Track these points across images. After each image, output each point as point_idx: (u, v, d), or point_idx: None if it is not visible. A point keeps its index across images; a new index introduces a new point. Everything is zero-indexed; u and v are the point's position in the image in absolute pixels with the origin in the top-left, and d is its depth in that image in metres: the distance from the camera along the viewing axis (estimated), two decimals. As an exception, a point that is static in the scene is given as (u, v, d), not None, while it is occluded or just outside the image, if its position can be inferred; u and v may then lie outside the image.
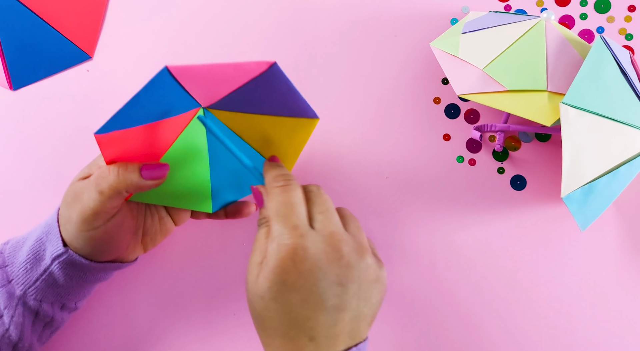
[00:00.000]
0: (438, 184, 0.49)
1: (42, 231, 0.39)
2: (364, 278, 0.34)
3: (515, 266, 0.47)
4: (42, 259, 0.38)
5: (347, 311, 0.33)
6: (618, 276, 0.47)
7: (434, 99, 0.50)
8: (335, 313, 0.33)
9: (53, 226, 0.38)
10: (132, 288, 0.47)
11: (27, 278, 0.38)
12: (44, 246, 0.38)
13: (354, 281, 0.34)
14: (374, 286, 0.35)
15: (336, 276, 0.33)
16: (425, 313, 0.47)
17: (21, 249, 0.39)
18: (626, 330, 0.46)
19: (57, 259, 0.37)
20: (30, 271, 0.38)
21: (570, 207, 0.40)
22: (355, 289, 0.34)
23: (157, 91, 0.32)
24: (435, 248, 0.48)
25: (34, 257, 0.38)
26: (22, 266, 0.38)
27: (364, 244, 0.35)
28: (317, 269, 0.33)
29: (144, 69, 0.51)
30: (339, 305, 0.33)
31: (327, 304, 0.33)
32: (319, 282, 0.33)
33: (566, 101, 0.39)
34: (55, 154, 0.50)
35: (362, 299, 0.34)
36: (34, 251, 0.38)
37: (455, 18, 0.51)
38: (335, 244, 0.34)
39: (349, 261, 0.34)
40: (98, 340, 0.47)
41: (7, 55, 0.50)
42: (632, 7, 0.50)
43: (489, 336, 0.47)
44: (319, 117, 0.41)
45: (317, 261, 0.33)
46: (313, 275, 0.32)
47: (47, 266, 0.38)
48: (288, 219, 0.34)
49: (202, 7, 0.52)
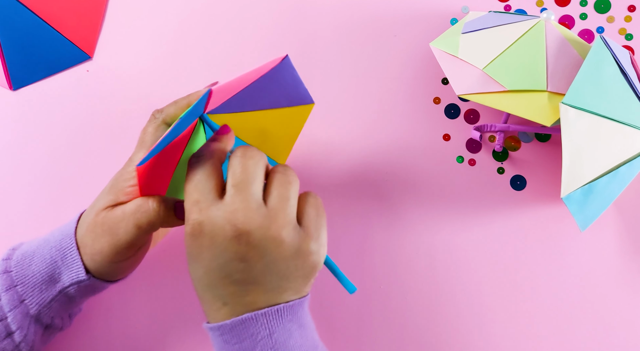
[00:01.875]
0: (438, 184, 0.49)
1: (55, 253, 0.38)
2: (275, 255, 0.33)
3: (515, 266, 0.47)
4: (57, 281, 0.38)
5: (260, 284, 0.33)
6: (618, 276, 0.47)
7: (434, 99, 0.50)
8: (244, 286, 0.33)
9: (70, 250, 0.37)
10: (132, 288, 0.47)
11: (41, 298, 0.38)
12: (59, 270, 0.38)
13: (259, 258, 0.33)
14: (293, 262, 0.33)
15: (235, 253, 0.32)
16: (425, 313, 0.47)
17: (30, 267, 0.38)
18: (626, 330, 0.46)
19: (78, 284, 0.38)
20: (44, 292, 0.38)
21: (570, 207, 0.40)
22: (264, 266, 0.33)
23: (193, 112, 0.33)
24: (435, 248, 0.48)
25: (49, 279, 0.38)
26: (35, 287, 0.38)
27: (279, 220, 0.33)
28: (213, 245, 0.32)
29: (144, 69, 0.51)
30: (246, 279, 0.33)
31: (232, 278, 0.33)
32: (216, 258, 0.32)
33: (566, 101, 0.39)
34: (55, 154, 0.50)
35: (277, 274, 0.33)
36: (49, 273, 0.38)
37: (455, 18, 0.51)
38: (235, 223, 0.32)
39: (250, 240, 0.32)
40: (98, 339, 0.47)
41: (7, 55, 0.50)
42: (632, 7, 0.50)
43: (489, 336, 0.47)
44: (314, 102, 0.42)
45: (214, 238, 0.32)
46: (211, 251, 0.32)
47: (63, 287, 0.38)
48: (191, 195, 0.33)
49: (202, 7, 0.52)
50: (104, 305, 0.47)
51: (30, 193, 0.49)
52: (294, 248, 0.33)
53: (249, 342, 0.33)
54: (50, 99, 0.50)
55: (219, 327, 0.33)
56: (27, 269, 0.38)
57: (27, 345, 0.38)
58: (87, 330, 0.47)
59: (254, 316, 0.33)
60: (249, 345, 0.33)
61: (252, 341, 0.33)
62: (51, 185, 0.49)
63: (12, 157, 0.50)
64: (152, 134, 0.38)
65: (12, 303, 0.37)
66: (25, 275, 0.38)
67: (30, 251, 0.39)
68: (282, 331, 0.34)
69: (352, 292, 0.38)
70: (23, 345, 0.37)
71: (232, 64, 0.51)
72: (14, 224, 0.48)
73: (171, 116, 0.39)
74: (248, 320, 0.33)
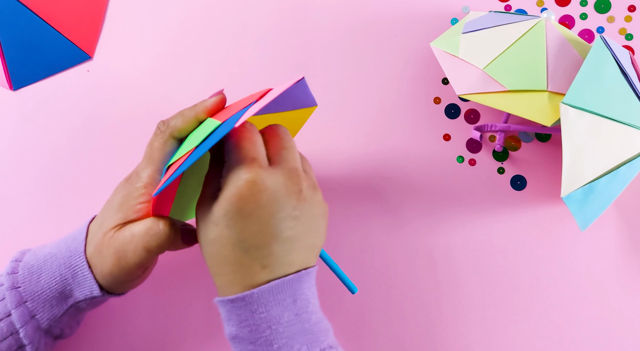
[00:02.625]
0: (438, 184, 0.49)
1: (65, 270, 0.37)
2: (315, 212, 0.35)
3: (515, 266, 0.47)
4: (68, 297, 0.38)
5: (301, 241, 0.35)
6: (618, 276, 0.47)
7: (434, 99, 0.50)
8: (289, 244, 0.34)
9: (82, 268, 0.37)
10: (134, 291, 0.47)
11: (52, 313, 0.38)
12: (70, 287, 0.37)
13: (307, 215, 0.35)
14: (322, 220, 0.36)
15: (293, 209, 0.34)
16: (425, 313, 0.47)
17: (38, 283, 0.38)
18: (626, 330, 0.46)
19: (90, 300, 0.38)
20: (55, 307, 0.38)
21: (570, 207, 0.40)
22: (308, 223, 0.35)
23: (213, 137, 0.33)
24: (435, 248, 0.48)
25: (59, 295, 0.38)
26: (46, 303, 0.38)
27: (316, 182, 0.37)
28: (275, 201, 0.33)
29: (144, 69, 0.51)
30: (292, 236, 0.34)
31: (282, 235, 0.34)
32: (276, 213, 0.33)
33: (566, 101, 0.39)
34: (55, 154, 0.50)
35: (313, 231, 0.35)
36: (59, 290, 0.37)
37: (456, 18, 0.51)
38: (295, 179, 0.34)
39: (306, 196, 0.35)
40: (98, 339, 0.47)
41: (7, 55, 0.50)
42: (632, 7, 0.50)
43: (490, 336, 0.47)
44: (317, 105, 0.41)
45: (275, 193, 0.33)
46: (270, 207, 0.33)
47: (75, 302, 0.38)
48: (248, 152, 0.34)
49: (203, 7, 0.52)
50: (104, 305, 0.47)
51: (30, 193, 0.49)
52: (323, 208, 0.37)
53: (278, 309, 0.34)
54: (50, 99, 0.50)
55: (256, 293, 0.33)
56: (36, 285, 0.37)
57: None
58: (87, 330, 0.47)
59: (297, 277, 0.34)
60: (278, 312, 0.34)
61: (281, 308, 0.34)
62: (51, 185, 0.49)
63: (12, 157, 0.50)
64: (160, 150, 0.37)
65: (24, 319, 0.37)
66: (34, 291, 0.37)
67: (37, 265, 0.38)
68: (309, 293, 0.35)
69: (354, 293, 0.38)
70: None
71: (233, 63, 0.51)
72: (15, 224, 0.48)
73: (178, 129, 0.37)
74: (288, 282, 0.34)
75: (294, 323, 0.34)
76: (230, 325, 0.34)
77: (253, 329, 0.33)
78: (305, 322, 0.34)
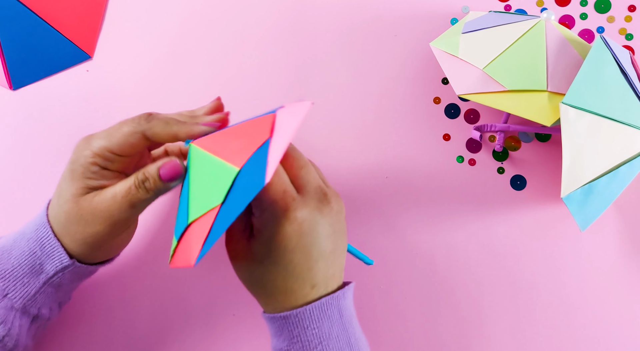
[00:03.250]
0: (438, 184, 0.49)
1: (33, 244, 0.37)
2: (343, 217, 0.37)
3: (515, 266, 0.47)
4: (40, 272, 0.37)
5: (338, 250, 0.37)
6: (618, 276, 0.47)
7: (434, 99, 0.50)
8: (332, 257, 0.36)
9: (48, 239, 0.37)
10: (132, 288, 0.47)
11: (25, 291, 0.37)
12: (39, 261, 0.37)
13: (340, 224, 0.37)
14: (344, 221, 0.38)
15: (329, 225, 0.35)
16: (425, 313, 0.47)
17: (9, 260, 0.38)
18: (626, 330, 0.46)
19: (62, 271, 0.37)
20: (27, 285, 0.37)
21: (570, 207, 0.40)
22: (341, 230, 0.37)
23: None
24: (435, 248, 0.48)
25: (30, 271, 0.37)
26: (17, 280, 0.37)
27: (330, 186, 0.38)
28: (314, 225, 0.34)
29: (144, 69, 0.51)
30: (333, 249, 0.36)
31: (326, 252, 0.35)
32: (318, 236, 0.35)
33: (566, 101, 0.39)
34: (55, 154, 0.50)
35: (344, 236, 0.37)
36: (29, 265, 0.37)
37: (455, 18, 0.51)
38: (323, 197, 0.36)
39: (335, 209, 0.36)
40: (98, 339, 0.47)
41: (7, 55, 0.50)
42: (632, 7, 0.50)
43: (489, 336, 0.47)
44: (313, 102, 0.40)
45: (313, 219, 0.34)
46: (312, 233, 0.34)
47: (47, 278, 0.37)
48: (277, 186, 0.34)
49: (202, 7, 0.52)
50: (104, 305, 0.47)
51: (30, 193, 0.49)
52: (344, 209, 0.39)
53: (327, 324, 0.35)
54: (50, 99, 0.50)
55: (308, 309, 0.35)
56: (7, 264, 0.37)
57: (11, 339, 0.37)
58: (87, 330, 0.47)
59: (342, 292, 0.37)
60: (327, 327, 0.35)
61: (329, 323, 0.35)
62: (51, 185, 0.49)
63: (12, 157, 0.50)
64: (125, 136, 0.35)
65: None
66: (5, 270, 0.37)
67: (7, 245, 0.38)
68: (351, 307, 0.38)
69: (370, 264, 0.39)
70: (7, 339, 0.37)
71: (233, 63, 0.51)
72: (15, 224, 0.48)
73: (154, 132, 0.35)
74: (336, 298, 0.36)
75: (342, 337, 0.36)
76: (280, 341, 0.36)
77: (305, 345, 0.35)
78: (351, 336, 0.36)
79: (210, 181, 0.33)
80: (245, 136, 0.33)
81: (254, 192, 0.29)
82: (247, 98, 0.50)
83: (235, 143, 0.33)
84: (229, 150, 0.33)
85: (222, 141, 0.34)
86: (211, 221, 0.31)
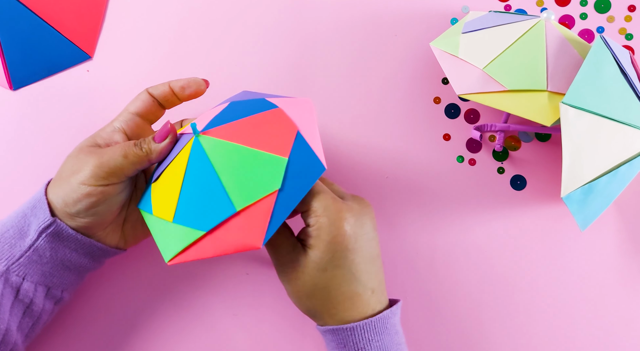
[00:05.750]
0: (438, 184, 0.49)
1: (26, 207, 0.38)
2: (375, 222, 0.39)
3: (515, 266, 0.47)
4: (26, 234, 0.37)
5: (380, 254, 0.38)
6: (618, 276, 0.47)
7: (434, 99, 0.50)
8: (379, 260, 0.38)
9: (40, 200, 0.38)
10: (132, 288, 0.47)
11: (11, 253, 0.37)
12: (28, 221, 0.37)
13: (374, 223, 0.38)
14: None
15: (373, 228, 0.37)
16: (425, 313, 0.47)
17: (3, 225, 0.38)
18: (626, 330, 0.46)
19: (44, 232, 0.37)
20: (13, 247, 0.37)
21: (570, 207, 0.40)
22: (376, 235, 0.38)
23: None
24: (435, 248, 0.48)
25: (18, 232, 0.37)
26: (6, 242, 0.37)
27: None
28: (365, 226, 0.36)
29: (144, 68, 0.51)
30: (379, 253, 0.38)
31: (375, 254, 0.37)
32: (369, 238, 0.36)
33: (566, 101, 0.39)
34: (55, 154, 0.50)
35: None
36: (19, 226, 0.38)
37: (455, 18, 0.51)
38: (361, 201, 0.37)
39: (371, 210, 0.38)
40: (98, 339, 0.47)
41: (7, 55, 0.50)
42: (632, 7, 0.50)
43: (489, 336, 0.47)
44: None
45: (362, 220, 0.36)
46: (365, 234, 0.36)
47: (32, 240, 0.37)
48: (326, 193, 0.36)
49: (203, 7, 0.52)
50: (104, 304, 0.47)
51: (30, 193, 0.49)
52: None
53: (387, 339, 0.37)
54: (50, 99, 0.50)
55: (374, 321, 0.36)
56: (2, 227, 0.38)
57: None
58: (87, 330, 0.47)
59: (396, 308, 0.39)
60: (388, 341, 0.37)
61: (389, 338, 0.37)
62: (51, 185, 0.49)
63: (12, 157, 0.50)
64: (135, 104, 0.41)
65: None
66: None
67: (5, 218, 0.39)
68: (399, 325, 0.40)
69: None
70: None
71: (233, 63, 0.51)
72: (14, 224, 0.48)
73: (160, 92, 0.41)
74: (394, 312, 0.38)
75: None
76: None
77: None
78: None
79: (252, 170, 0.34)
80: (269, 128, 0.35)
81: (316, 177, 0.33)
82: (247, 98, 0.50)
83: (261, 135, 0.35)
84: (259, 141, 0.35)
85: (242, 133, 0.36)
86: (270, 206, 0.33)
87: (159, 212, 0.36)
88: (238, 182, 0.34)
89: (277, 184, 0.33)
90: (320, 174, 0.33)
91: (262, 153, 0.34)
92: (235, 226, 0.33)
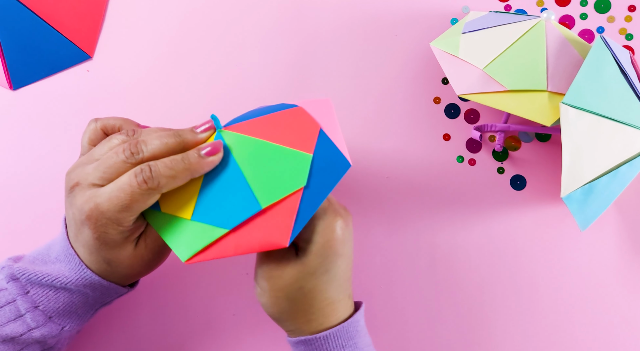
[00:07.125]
0: (438, 184, 0.49)
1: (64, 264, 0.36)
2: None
3: (515, 266, 0.47)
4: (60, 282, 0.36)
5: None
6: (618, 276, 0.47)
7: (434, 99, 0.50)
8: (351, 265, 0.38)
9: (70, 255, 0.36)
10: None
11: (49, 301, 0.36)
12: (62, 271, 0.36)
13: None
14: None
15: (351, 235, 0.37)
16: (425, 313, 0.47)
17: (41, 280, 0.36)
18: (626, 330, 0.46)
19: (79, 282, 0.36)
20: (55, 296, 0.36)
21: (570, 207, 0.40)
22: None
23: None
24: (435, 248, 0.48)
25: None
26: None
27: None
28: (349, 233, 0.36)
29: (144, 68, 0.51)
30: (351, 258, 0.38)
31: (352, 260, 0.37)
32: (351, 242, 0.37)
33: (566, 101, 0.39)
34: (55, 154, 0.50)
35: None
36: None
37: (456, 18, 0.51)
38: (344, 210, 0.37)
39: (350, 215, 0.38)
40: (98, 339, 0.47)
41: (7, 55, 0.50)
42: (632, 7, 0.50)
43: (490, 336, 0.47)
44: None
45: (348, 227, 0.36)
46: (348, 241, 0.36)
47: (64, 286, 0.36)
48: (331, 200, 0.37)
49: (203, 7, 0.52)
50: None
51: (30, 193, 0.49)
52: None
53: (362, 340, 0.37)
54: (50, 99, 0.50)
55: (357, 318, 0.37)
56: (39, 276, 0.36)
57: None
58: (87, 330, 0.47)
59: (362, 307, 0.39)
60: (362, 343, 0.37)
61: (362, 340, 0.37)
62: (51, 185, 0.49)
63: (12, 157, 0.50)
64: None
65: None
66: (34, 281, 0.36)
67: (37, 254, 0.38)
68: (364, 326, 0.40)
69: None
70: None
71: (233, 63, 0.51)
72: (14, 224, 0.48)
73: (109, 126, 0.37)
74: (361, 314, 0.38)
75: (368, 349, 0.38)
76: None
77: None
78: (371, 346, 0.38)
79: (276, 167, 0.33)
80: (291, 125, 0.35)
81: (341, 173, 0.33)
82: (247, 98, 0.50)
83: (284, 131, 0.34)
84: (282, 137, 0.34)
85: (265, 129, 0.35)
86: (296, 204, 0.32)
87: (171, 209, 0.34)
88: (262, 178, 0.33)
89: (303, 181, 0.32)
90: (346, 170, 0.33)
91: (287, 149, 0.33)
92: (260, 224, 0.32)
